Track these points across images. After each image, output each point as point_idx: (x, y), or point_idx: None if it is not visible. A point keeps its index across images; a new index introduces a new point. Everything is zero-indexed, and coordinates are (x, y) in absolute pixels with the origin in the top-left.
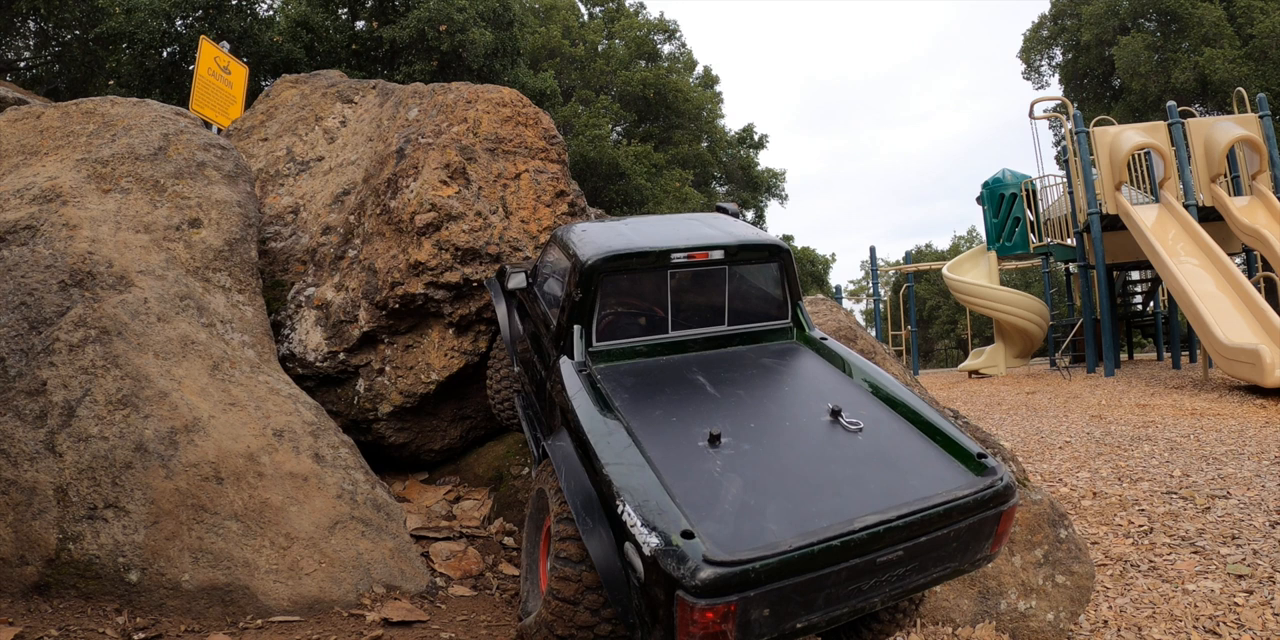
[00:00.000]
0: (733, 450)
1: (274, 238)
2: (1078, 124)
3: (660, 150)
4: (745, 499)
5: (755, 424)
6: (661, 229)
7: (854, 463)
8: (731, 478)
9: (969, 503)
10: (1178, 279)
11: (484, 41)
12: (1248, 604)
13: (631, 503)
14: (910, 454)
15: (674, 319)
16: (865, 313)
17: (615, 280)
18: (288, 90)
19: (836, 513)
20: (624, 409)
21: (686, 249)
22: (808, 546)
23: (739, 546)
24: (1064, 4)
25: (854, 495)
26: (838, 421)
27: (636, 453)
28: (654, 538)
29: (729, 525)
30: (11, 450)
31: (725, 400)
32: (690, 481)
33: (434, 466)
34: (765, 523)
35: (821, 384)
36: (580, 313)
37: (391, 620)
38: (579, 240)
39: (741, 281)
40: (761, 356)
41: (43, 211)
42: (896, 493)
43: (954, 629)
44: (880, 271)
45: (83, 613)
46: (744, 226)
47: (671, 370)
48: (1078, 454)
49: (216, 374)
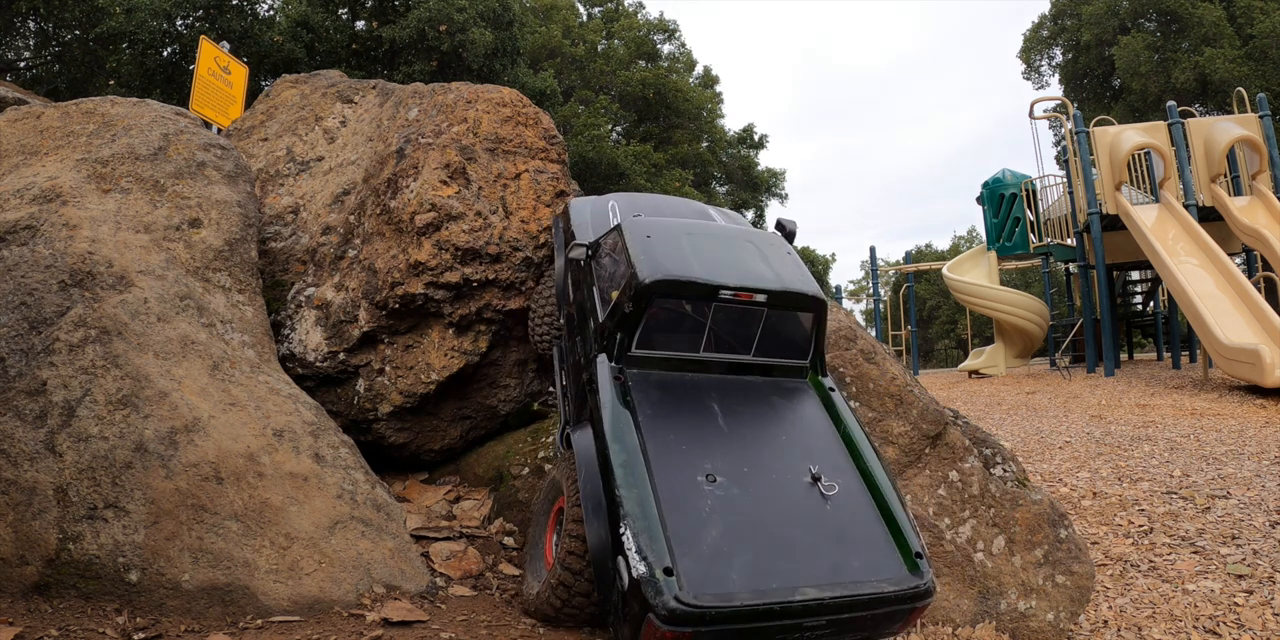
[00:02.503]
0: (723, 492)
1: (274, 238)
2: (1078, 124)
3: (660, 150)
4: (720, 544)
5: (748, 469)
6: (719, 249)
7: (816, 530)
8: (715, 520)
9: (892, 598)
10: (1178, 279)
11: (484, 41)
12: (1248, 604)
13: (632, 529)
14: (863, 534)
15: (707, 341)
16: (865, 313)
17: (664, 301)
18: (288, 90)
19: (787, 578)
20: (645, 425)
21: (735, 288)
22: (754, 605)
23: (705, 589)
24: (1064, 4)
25: (806, 565)
26: (816, 485)
27: (646, 481)
28: (642, 566)
29: (702, 567)
30: (11, 450)
31: (731, 436)
32: (682, 516)
33: (434, 466)
34: (729, 572)
35: (814, 439)
36: (627, 323)
37: (391, 620)
38: (641, 250)
39: (777, 320)
40: (773, 393)
41: (43, 211)
42: (840, 572)
43: (954, 629)
44: (880, 271)
45: (83, 613)
46: (793, 266)
47: (694, 390)
48: (1078, 454)
49: (216, 374)
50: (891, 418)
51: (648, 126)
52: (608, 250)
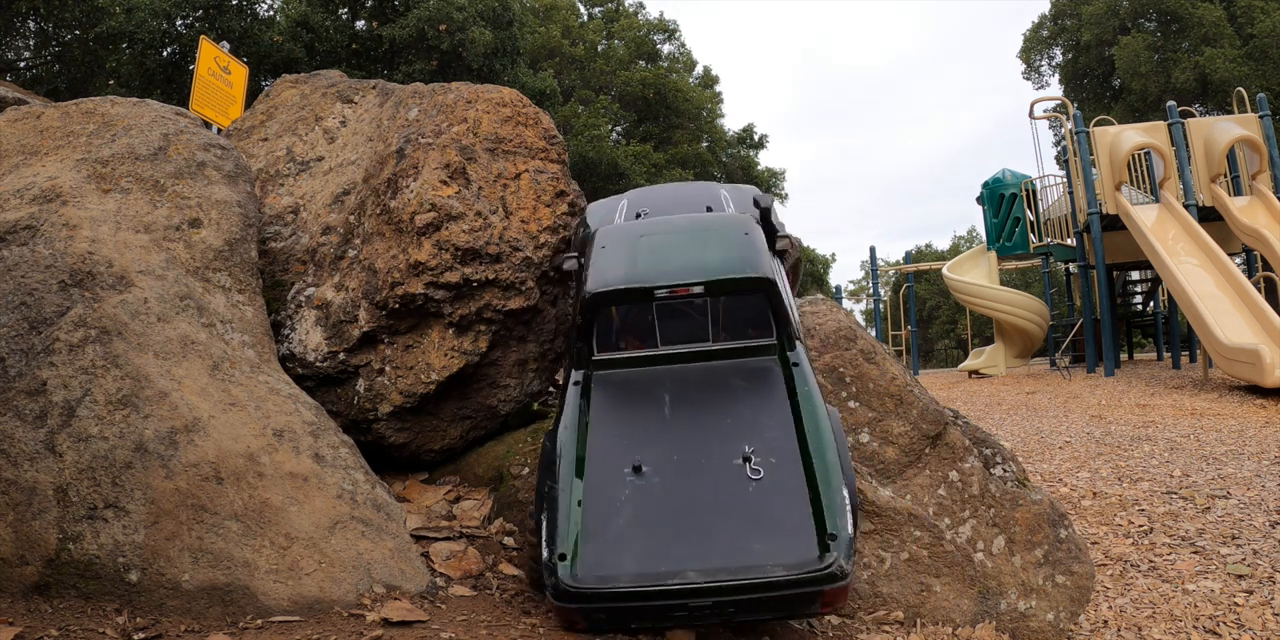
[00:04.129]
0: (645, 481)
1: (274, 238)
2: (1078, 124)
3: (660, 150)
4: (625, 531)
5: (679, 456)
6: (668, 247)
7: (728, 513)
8: (627, 509)
9: (782, 582)
10: (1178, 279)
11: (484, 41)
12: (1248, 604)
13: (547, 520)
14: (781, 515)
15: (663, 336)
16: (865, 313)
17: (608, 310)
18: (288, 90)
19: (675, 562)
20: (592, 424)
21: (669, 285)
22: (632, 588)
23: (595, 573)
24: (1064, 4)
25: (699, 549)
26: (745, 467)
27: (571, 477)
28: (546, 552)
29: (599, 553)
30: (11, 450)
31: (673, 426)
32: (599, 506)
33: (434, 466)
34: (623, 557)
35: (764, 418)
36: (581, 334)
37: (391, 620)
38: (592, 262)
39: (726, 305)
40: (734, 376)
41: (43, 211)
42: (735, 556)
43: (954, 629)
44: (880, 271)
45: (83, 613)
46: (740, 249)
47: (650, 384)
48: (1078, 454)
49: (216, 374)
50: (891, 418)
51: (648, 126)
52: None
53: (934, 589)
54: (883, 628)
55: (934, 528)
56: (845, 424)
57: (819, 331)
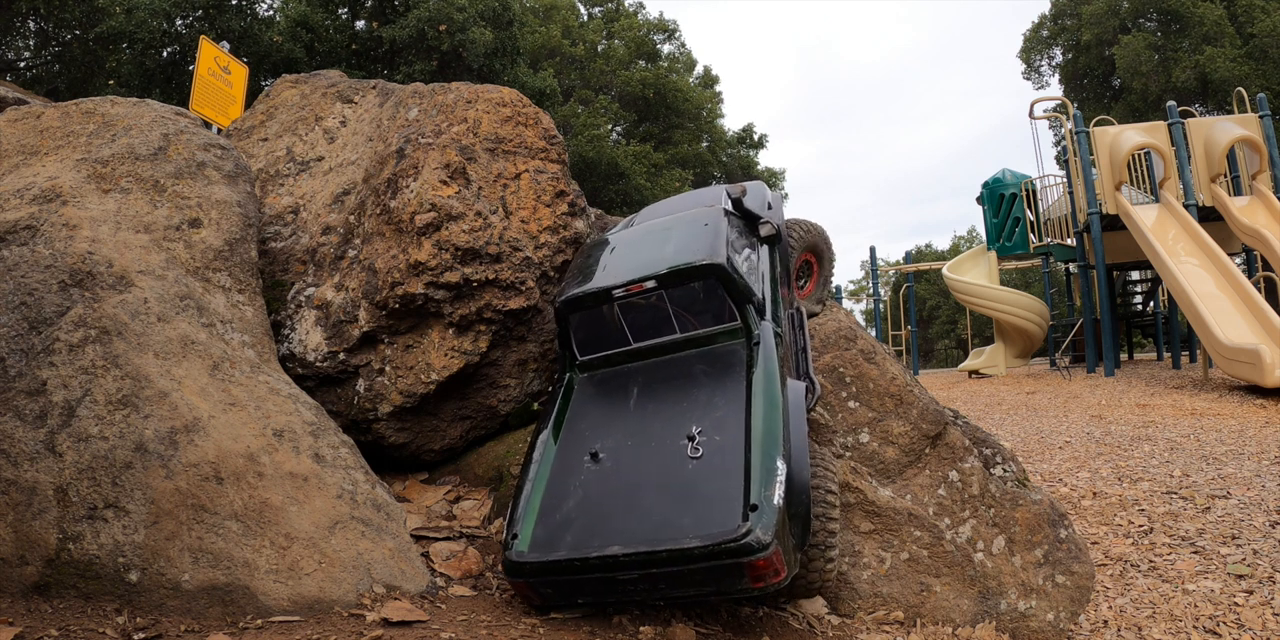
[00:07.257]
0: (598, 467)
1: (274, 238)
2: (1078, 124)
3: (660, 150)
4: (571, 513)
5: (632, 442)
6: (630, 251)
7: (665, 492)
8: (578, 493)
9: (697, 552)
10: (1178, 279)
11: (484, 41)
12: (1248, 604)
13: (511, 506)
14: (713, 491)
15: (632, 332)
16: (865, 313)
17: (577, 315)
18: (288, 90)
19: (606, 538)
20: (567, 420)
21: (623, 285)
22: (564, 560)
23: (539, 549)
24: (1064, 4)
25: (630, 525)
26: (688, 446)
27: (537, 467)
28: (506, 530)
29: (547, 532)
30: (11, 450)
31: (634, 415)
32: (556, 491)
33: (434, 466)
34: (566, 534)
35: (716, 397)
36: (560, 341)
37: (391, 620)
38: (567, 275)
39: (684, 294)
40: (699, 363)
41: (43, 211)
42: (662, 529)
43: (954, 629)
44: (880, 271)
45: (83, 613)
46: (695, 240)
47: (623, 379)
48: (1078, 454)
49: (216, 374)
50: (891, 418)
51: (648, 126)
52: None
53: (934, 589)
54: (883, 628)
55: (934, 528)
56: (845, 424)
57: (819, 332)
